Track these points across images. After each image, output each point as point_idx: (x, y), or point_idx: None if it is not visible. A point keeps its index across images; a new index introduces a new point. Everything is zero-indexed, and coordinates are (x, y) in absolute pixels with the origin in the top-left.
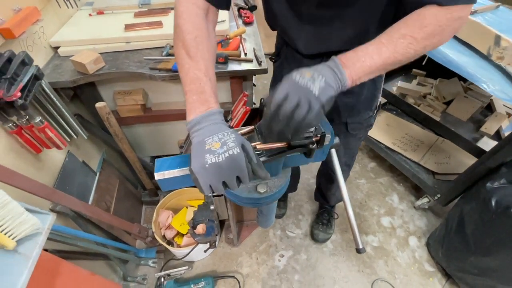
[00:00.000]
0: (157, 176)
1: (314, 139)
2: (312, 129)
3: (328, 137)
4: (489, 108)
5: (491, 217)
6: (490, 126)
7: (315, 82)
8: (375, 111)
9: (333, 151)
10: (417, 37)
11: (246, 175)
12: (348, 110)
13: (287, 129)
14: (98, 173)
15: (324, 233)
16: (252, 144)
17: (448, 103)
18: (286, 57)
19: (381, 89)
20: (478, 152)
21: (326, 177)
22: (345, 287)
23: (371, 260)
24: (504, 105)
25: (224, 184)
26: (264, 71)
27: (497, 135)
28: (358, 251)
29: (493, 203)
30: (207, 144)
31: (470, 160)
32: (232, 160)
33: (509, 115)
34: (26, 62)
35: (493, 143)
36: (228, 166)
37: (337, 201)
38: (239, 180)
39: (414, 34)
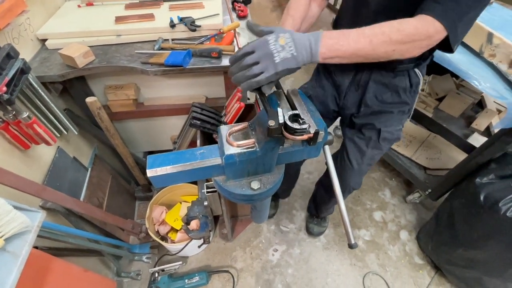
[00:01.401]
0: (150, 173)
1: (307, 136)
2: (306, 125)
3: (321, 134)
4: (480, 105)
5: (480, 211)
6: (480, 123)
7: (282, 51)
8: (405, 121)
9: (326, 147)
10: (392, 37)
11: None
12: (385, 116)
13: (241, 76)
14: (89, 169)
15: (319, 226)
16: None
17: (440, 100)
18: None
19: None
20: (469, 148)
21: (325, 188)
22: (337, 280)
23: (363, 254)
24: (494, 101)
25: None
26: None
27: (487, 132)
28: (350, 246)
29: (481, 198)
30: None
31: (460, 155)
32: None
33: (499, 111)
34: (11, 55)
35: (483, 139)
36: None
37: (327, 214)
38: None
39: (391, 34)
